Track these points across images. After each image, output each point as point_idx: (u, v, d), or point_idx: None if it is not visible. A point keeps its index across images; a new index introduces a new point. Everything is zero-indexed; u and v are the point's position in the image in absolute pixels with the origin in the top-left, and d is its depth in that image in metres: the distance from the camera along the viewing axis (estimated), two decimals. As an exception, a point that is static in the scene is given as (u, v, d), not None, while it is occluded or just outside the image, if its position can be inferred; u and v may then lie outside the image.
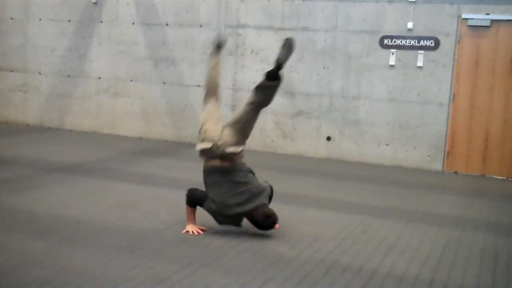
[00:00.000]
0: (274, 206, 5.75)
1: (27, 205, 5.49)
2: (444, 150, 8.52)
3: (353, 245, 4.82)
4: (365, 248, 4.74)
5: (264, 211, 4.80)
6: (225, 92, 9.51)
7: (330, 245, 4.77)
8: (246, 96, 9.30)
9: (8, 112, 11.03)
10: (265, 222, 4.80)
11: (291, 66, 9.10)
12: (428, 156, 8.58)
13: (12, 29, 10.82)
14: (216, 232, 4.92)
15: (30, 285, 3.61)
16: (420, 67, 8.48)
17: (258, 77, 9.26)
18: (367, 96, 8.79)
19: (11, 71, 10.92)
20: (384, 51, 8.64)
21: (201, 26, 9.58)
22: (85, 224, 4.99)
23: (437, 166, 8.55)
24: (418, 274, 4.20)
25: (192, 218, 4.97)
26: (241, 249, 4.54)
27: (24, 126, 10.76)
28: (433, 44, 8.38)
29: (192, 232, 4.87)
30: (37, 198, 5.77)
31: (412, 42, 8.48)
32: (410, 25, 8.46)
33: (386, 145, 8.77)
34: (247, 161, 5.07)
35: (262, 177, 5.39)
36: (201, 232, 4.89)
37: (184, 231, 4.90)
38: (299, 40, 9.04)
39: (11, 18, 10.80)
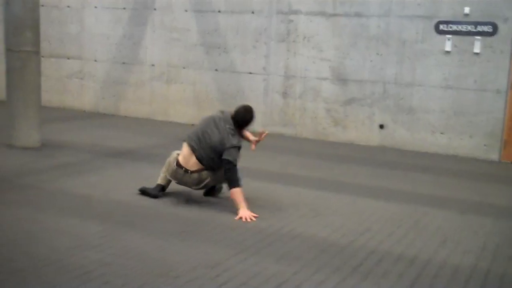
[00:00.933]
0: (326, 194, 5.75)
1: (84, 189, 5.65)
2: (501, 139, 8.29)
3: (406, 235, 4.76)
4: (418, 238, 4.68)
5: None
6: (276, 79, 9.50)
7: (383, 235, 4.72)
8: (298, 83, 9.29)
9: (66, 98, 11.33)
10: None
11: (343, 53, 9.01)
12: (484, 145, 8.36)
13: (68, 17, 11.09)
14: (267, 219, 4.95)
15: (87, 267, 3.73)
16: (477, 54, 8.24)
17: (309, 64, 9.23)
18: (422, 83, 8.62)
19: (68, 58, 11.20)
20: (440, 37, 8.44)
21: (253, 12, 9.58)
22: (139, 209, 5.10)
23: (494, 155, 8.33)
24: (473, 266, 4.12)
25: (244, 202, 5.02)
26: (293, 236, 4.56)
27: (80, 112, 11.04)
28: (490, 30, 8.13)
29: (246, 219, 4.92)
30: (94, 182, 5.93)
31: (469, 27, 8.24)
32: (466, 10, 8.22)
33: (440, 133, 8.59)
34: (298, 147, 5.07)
35: (312, 164, 5.37)
36: (254, 219, 4.93)
37: (237, 217, 4.94)
38: (351, 26, 8.93)
39: (68, 6, 11.06)
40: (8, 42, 7.38)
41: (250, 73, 9.68)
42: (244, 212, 4.96)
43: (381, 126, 8.90)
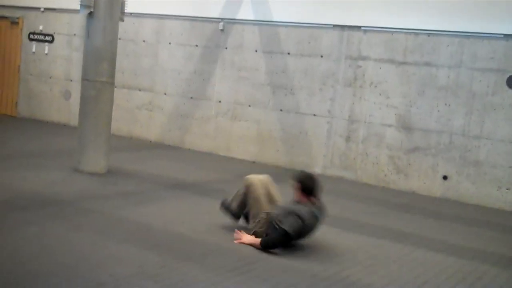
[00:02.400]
0: (384, 243, 5.66)
1: (145, 218, 5.78)
2: None
3: (465, 292, 4.62)
4: (478, 297, 4.53)
5: None
6: (340, 123, 9.51)
7: (441, 289, 4.60)
8: (361, 128, 9.26)
9: (134, 129, 11.69)
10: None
11: (410, 101, 8.94)
12: (554, 204, 8.04)
13: (144, 51, 11.52)
14: (323, 263, 4.90)
15: (144, 296, 3.80)
16: (550, 110, 8.01)
17: (375, 110, 9.20)
18: (490, 136, 8.43)
19: (139, 90, 11.59)
20: (511, 91, 8.26)
21: (321, 56, 9.68)
22: (198, 242, 5.17)
23: None
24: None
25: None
26: (348, 284, 4.49)
27: (147, 142, 11.35)
28: None
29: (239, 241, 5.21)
30: (155, 212, 6.06)
31: (543, 83, 8.04)
32: (541, 65, 8.04)
33: (507, 189, 8.33)
34: (358, 192, 5.04)
35: (372, 211, 5.32)
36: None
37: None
38: (420, 75, 8.88)
39: (144, 41, 11.51)
40: (86, 72, 7.74)
41: (315, 115, 9.73)
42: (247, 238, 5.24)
43: (445, 177, 8.72)
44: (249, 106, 10.39)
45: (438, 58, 8.76)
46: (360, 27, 9.34)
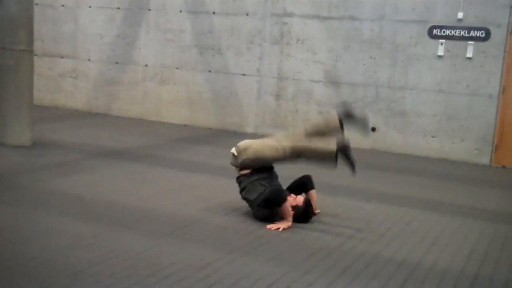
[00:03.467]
0: (317, 196, 5.75)
1: (76, 189, 5.64)
2: (493, 143, 8.34)
3: (396, 237, 4.78)
4: (408, 241, 4.70)
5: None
6: (269, 81, 9.52)
7: (373, 237, 4.74)
8: (290, 86, 9.31)
9: (59, 97, 11.31)
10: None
11: (336, 56, 9.04)
12: (476, 149, 8.41)
13: (63, 16, 11.07)
14: (257, 221, 4.96)
15: (77, 267, 3.73)
16: (469, 58, 8.30)
17: (302, 67, 9.25)
18: (414, 87, 8.67)
19: (62, 57, 11.18)
20: (433, 41, 8.48)
21: (247, 14, 9.60)
22: (130, 209, 5.11)
23: (485, 159, 8.38)
24: (462, 269, 4.15)
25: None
26: (283, 238, 4.57)
27: (73, 111, 11.02)
28: (483, 35, 8.19)
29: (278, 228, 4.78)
30: (85, 182, 5.93)
31: (462, 32, 8.30)
32: (460, 15, 8.27)
33: (432, 137, 8.64)
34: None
35: (305, 167, 5.39)
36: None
37: (279, 228, 4.79)
38: (345, 29, 8.96)
39: (62, 5, 11.05)
40: (2, 41, 7.36)
41: (243, 74, 9.69)
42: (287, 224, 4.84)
43: (373, 129, 8.94)
44: (177, 68, 10.23)
45: (362, 12, 8.86)
46: (284, -17, 9.29)
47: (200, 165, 7.13)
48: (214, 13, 9.83)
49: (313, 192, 5.25)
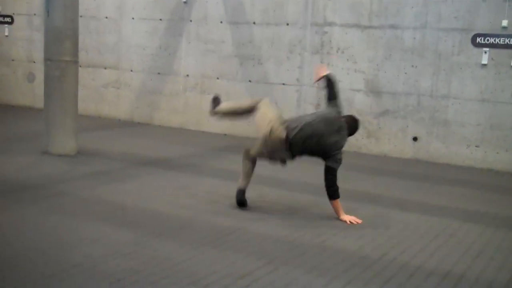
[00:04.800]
0: (358, 206, 5.70)
1: (118, 197, 5.73)
2: (539, 153, 8.12)
3: (439, 249, 4.69)
4: (452, 253, 4.60)
5: None
6: (309, 91, 9.50)
7: (415, 248, 4.66)
8: (331, 95, 9.25)
9: (102, 107, 11.52)
10: None
11: (377, 65, 8.96)
12: (522, 159, 8.20)
13: (107, 27, 11.30)
14: (299, 230, 4.94)
15: (118, 275, 3.77)
16: (515, 66, 8.12)
17: (343, 76, 9.20)
18: (457, 96, 8.52)
19: (105, 68, 11.40)
20: (476, 50, 8.33)
21: (287, 24, 9.61)
22: (171, 218, 5.15)
23: (531, 170, 8.16)
24: (507, 282, 4.04)
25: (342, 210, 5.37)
26: (324, 248, 4.54)
27: (115, 121, 11.21)
28: (529, 42, 8.00)
29: (350, 222, 5.24)
30: (127, 190, 6.01)
31: (507, 40, 8.12)
32: (505, 23, 8.11)
33: (476, 146, 8.46)
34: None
35: (344, 176, 5.37)
36: (359, 221, 5.26)
37: (346, 219, 5.26)
38: (386, 38, 8.89)
39: (106, 17, 11.28)
40: (48, 52, 7.56)
41: (284, 84, 9.70)
42: (348, 217, 5.30)
43: (415, 139, 8.81)
44: (217, 78, 10.31)
45: (403, 20, 8.77)
46: (324, -8, 9.28)
47: (240, 174, 7.14)
48: (254, 23, 9.88)
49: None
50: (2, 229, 4.58)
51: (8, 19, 12.23)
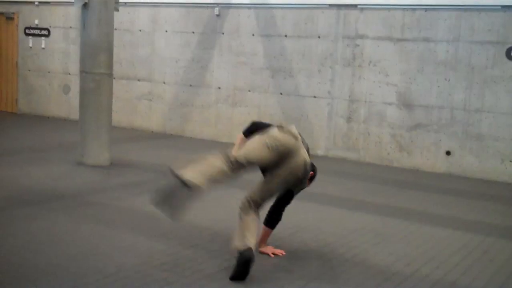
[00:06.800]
0: (390, 221, 5.66)
1: (150, 207, 5.77)
2: None
3: (472, 266, 4.63)
4: (485, 270, 4.54)
5: None
6: (341, 103, 9.48)
7: (449, 265, 4.61)
8: (362, 108, 9.24)
9: (135, 119, 11.68)
10: None
11: (409, 78, 8.91)
12: (558, 174, 8.03)
13: (140, 40, 11.47)
14: (330, 244, 4.92)
15: (151, 285, 3.81)
16: (551, 80, 7.98)
17: (375, 89, 9.17)
18: (491, 110, 8.41)
19: (138, 80, 11.56)
20: (510, 63, 8.22)
21: (319, 37, 9.63)
22: (205, 229, 5.19)
23: None
24: (544, 301, 3.97)
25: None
26: (355, 263, 4.51)
27: (148, 132, 11.34)
28: None
29: (273, 253, 4.59)
30: (160, 202, 6.06)
31: (543, 53, 8.00)
32: (540, 35, 7.99)
33: (510, 161, 8.32)
34: (362, 172, 5.03)
35: (376, 190, 5.33)
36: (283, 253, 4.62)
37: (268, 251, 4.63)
38: (419, 51, 8.83)
39: (140, 30, 11.46)
40: (83, 65, 7.72)
41: (315, 97, 9.71)
42: (270, 249, 4.64)
43: (448, 153, 8.71)
44: (249, 91, 10.37)
45: (436, 33, 8.71)
46: (356, 5, 9.28)
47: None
48: (286, 36, 9.93)
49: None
50: (36, 237, 4.68)
51: (45, 32, 12.51)
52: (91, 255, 4.34)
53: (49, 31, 12.51)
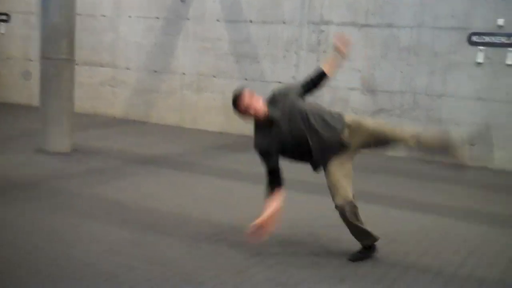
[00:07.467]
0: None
1: (115, 195, 5.73)
2: (534, 152, 8.15)
3: (432, 247, 4.71)
4: (444, 251, 4.63)
5: None
6: (306, 89, 9.51)
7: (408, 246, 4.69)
8: (327, 93, 9.28)
9: (98, 105, 11.52)
10: None
11: (373, 63, 8.98)
12: (517, 158, 8.23)
13: (103, 26, 11.29)
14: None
15: (115, 272, 3.79)
16: (510, 65, 8.14)
17: (339, 74, 9.20)
18: (453, 94, 8.55)
19: (101, 66, 11.40)
20: (472, 48, 8.36)
21: (284, 22, 9.63)
22: (168, 215, 5.16)
23: (526, 168, 8.20)
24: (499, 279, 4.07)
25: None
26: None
27: (112, 119, 11.20)
28: (525, 41, 8.03)
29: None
30: (124, 188, 6.02)
31: (502, 39, 8.16)
32: (500, 21, 8.14)
33: (470, 145, 8.47)
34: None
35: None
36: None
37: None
38: (382, 36, 8.91)
39: (103, 15, 11.27)
40: (44, 50, 7.56)
41: (279, 82, 9.71)
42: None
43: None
44: (214, 77, 10.32)
45: (400, 19, 8.79)
46: (320, -9, 9.30)
47: (236, 172, 7.17)
48: (251, 21, 9.89)
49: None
50: (1, 228, 4.59)
51: (4, 17, 12.21)
52: (55, 243, 4.28)
53: (9, 15, 12.20)
